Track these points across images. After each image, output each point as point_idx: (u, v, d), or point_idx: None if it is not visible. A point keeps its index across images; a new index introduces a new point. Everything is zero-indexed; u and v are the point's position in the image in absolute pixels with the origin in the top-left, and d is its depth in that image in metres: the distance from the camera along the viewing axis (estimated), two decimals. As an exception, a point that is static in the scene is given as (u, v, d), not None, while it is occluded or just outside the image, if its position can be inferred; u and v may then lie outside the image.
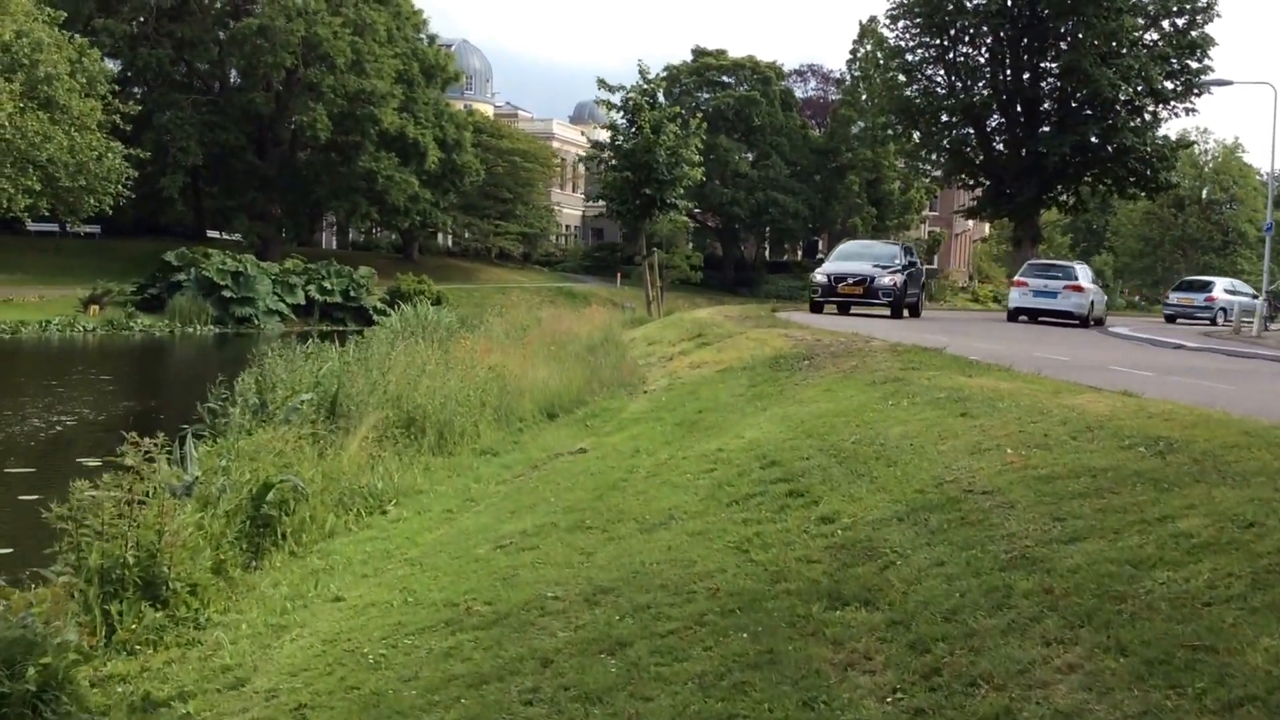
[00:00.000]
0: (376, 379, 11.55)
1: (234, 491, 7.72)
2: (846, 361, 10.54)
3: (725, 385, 11.42)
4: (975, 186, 48.64)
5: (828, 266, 25.47)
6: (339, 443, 9.92)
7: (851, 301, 24.39)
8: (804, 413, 8.41)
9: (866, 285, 23.77)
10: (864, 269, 24.27)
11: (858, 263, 25.01)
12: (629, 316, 29.06)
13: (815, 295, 25.25)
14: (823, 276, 24.82)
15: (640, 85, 29.02)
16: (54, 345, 35.58)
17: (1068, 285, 26.48)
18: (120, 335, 40.00)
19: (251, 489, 7.80)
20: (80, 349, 35.28)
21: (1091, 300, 27.16)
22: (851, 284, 23.96)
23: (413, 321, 20.66)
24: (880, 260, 25.42)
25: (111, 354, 34.59)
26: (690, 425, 9.50)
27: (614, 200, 30.72)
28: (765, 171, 70.90)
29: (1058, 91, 43.59)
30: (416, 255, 66.81)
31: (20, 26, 40.63)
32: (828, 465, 6.50)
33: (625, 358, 16.64)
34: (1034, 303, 26.69)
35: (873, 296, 23.88)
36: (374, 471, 9.42)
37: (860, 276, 23.97)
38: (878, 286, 23.68)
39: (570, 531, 6.43)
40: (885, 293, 23.74)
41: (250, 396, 11.36)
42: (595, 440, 10.35)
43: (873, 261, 25.09)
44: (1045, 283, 26.80)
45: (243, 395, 11.46)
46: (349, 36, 53.95)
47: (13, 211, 41.23)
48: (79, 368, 28.30)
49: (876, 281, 23.72)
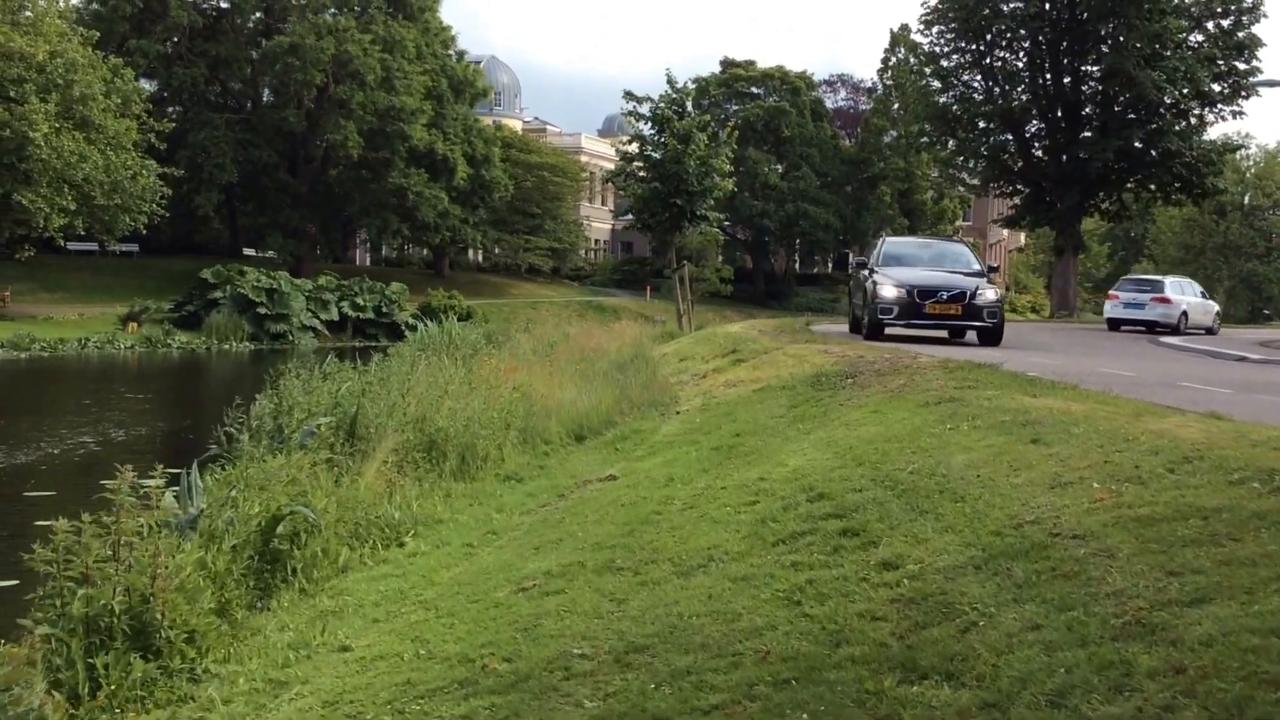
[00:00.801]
0: (395, 400, 11.01)
1: (241, 524, 7.20)
2: (894, 379, 9.85)
3: (764, 406, 10.77)
4: (1014, 194, 47.63)
5: (900, 274, 17.42)
6: (357, 468, 9.40)
7: (945, 324, 17.45)
8: (852, 437, 7.75)
9: (965, 302, 16.70)
10: (956, 280, 17.18)
11: (938, 271, 17.86)
12: (659, 331, 28.42)
13: (883, 316, 16.93)
14: (894, 289, 16.91)
15: (668, 95, 28.50)
16: (92, 362, 35.66)
17: (1154, 297, 28.33)
18: (158, 352, 40.15)
19: (260, 521, 7.29)
20: (117, 366, 35.31)
21: (1183, 310, 28.24)
22: (946, 301, 16.73)
23: (437, 338, 20.16)
24: (961, 266, 18.35)
25: (147, 371, 34.62)
26: (728, 450, 8.88)
27: (643, 212, 30.09)
28: (795, 183, 70.21)
29: (1099, 95, 42.57)
30: (447, 271, 66.79)
31: (54, 47, 40.97)
32: (884, 499, 5.85)
33: (656, 376, 15.99)
34: (1124, 314, 28.80)
35: (974, 318, 16.85)
36: (392, 499, 8.89)
37: (957, 290, 16.82)
38: (980, 304, 16.66)
39: (599, 573, 5.83)
40: (990, 312, 16.76)
41: (266, 420, 10.85)
42: (626, 466, 9.75)
43: (955, 268, 18.10)
44: (1134, 295, 28.98)
45: (258, 419, 10.96)
46: (378, 53, 54.07)
47: (49, 230, 41.53)
48: (113, 385, 28.21)
49: (978, 296, 16.73)
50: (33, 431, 17.11)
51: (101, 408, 21.07)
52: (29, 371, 31.69)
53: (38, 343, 36.62)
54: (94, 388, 27.63)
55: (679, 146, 27.14)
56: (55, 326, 41.19)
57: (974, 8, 41.57)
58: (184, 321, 45.36)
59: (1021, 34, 42.40)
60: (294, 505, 7.46)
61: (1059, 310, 44.60)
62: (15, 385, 28.34)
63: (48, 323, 42.05)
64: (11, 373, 31.20)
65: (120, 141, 43.41)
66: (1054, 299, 47.81)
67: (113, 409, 20.81)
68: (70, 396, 24.94)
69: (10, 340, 35.63)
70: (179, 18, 52.81)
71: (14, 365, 32.88)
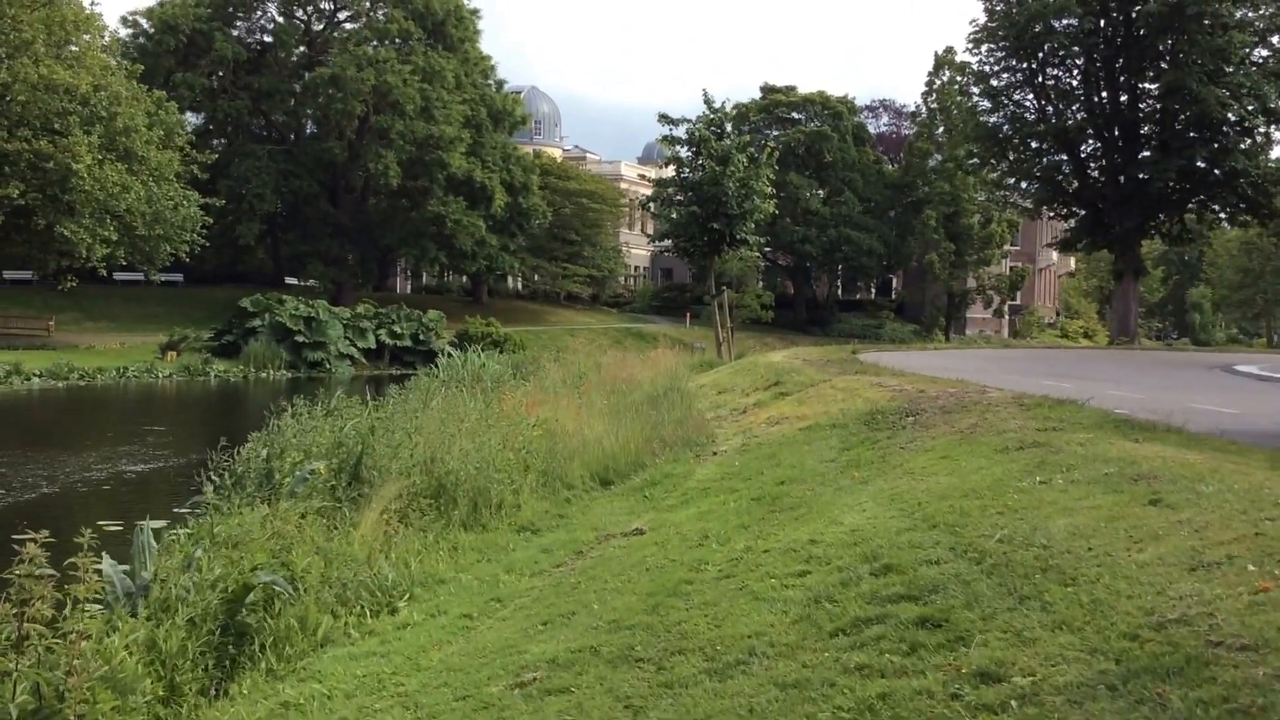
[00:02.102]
0: (401, 440, 9.97)
1: (200, 593, 6.20)
2: (962, 418, 8.67)
3: (811, 448, 9.62)
4: (1069, 216, 46.02)
5: None
6: (355, 517, 8.39)
7: None
8: (920, 490, 6.60)
9: None
10: None
11: None
12: (697, 360, 27.09)
13: None
14: None
15: (706, 116, 27.41)
16: (129, 391, 35.44)
17: None
18: (195, 381, 39.90)
19: (227, 589, 6.29)
20: (152, 395, 35.05)
21: None
22: None
23: (460, 370, 19.11)
24: None
25: (181, 400, 34.27)
26: (771, 502, 7.73)
27: (680, 237, 28.90)
28: (837, 208, 68.96)
29: (1159, 113, 41.01)
30: (485, 298, 66.41)
31: (99, 80, 41.14)
32: (969, 576, 4.70)
33: (692, 411, 14.75)
34: None
35: None
36: (389, 555, 7.83)
37: None
38: None
39: (614, 664, 4.75)
40: None
41: (256, 464, 9.82)
42: (655, 518, 8.62)
43: None
44: None
45: (246, 463, 9.95)
46: (418, 84, 54.02)
47: (91, 261, 41.54)
48: (142, 415, 27.74)
49: None
50: (45, 464, 16.43)
51: (123, 439, 20.41)
52: (61, 401, 31.40)
53: (76, 371, 36.52)
54: (122, 417, 27.13)
55: (717, 168, 26.03)
56: (96, 355, 41.14)
57: (1025, 25, 40.26)
58: (223, 350, 45.19)
59: (1075, 51, 41.01)
60: (266, 574, 6.45)
61: (1118, 336, 42.85)
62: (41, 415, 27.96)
63: (89, 352, 42.03)
64: (43, 402, 30.90)
65: (163, 173, 43.47)
66: (1113, 325, 46.01)
67: (134, 440, 20.14)
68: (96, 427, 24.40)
69: (49, 369, 35.55)
70: (223, 51, 53.15)
71: (52, 394, 32.65)
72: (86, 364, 37.98)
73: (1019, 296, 79.50)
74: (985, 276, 71.50)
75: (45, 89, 38.74)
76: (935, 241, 67.21)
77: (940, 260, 66.95)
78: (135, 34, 53.95)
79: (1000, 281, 72.56)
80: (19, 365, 34.84)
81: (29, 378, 34.34)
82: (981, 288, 71.71)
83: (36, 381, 34.29)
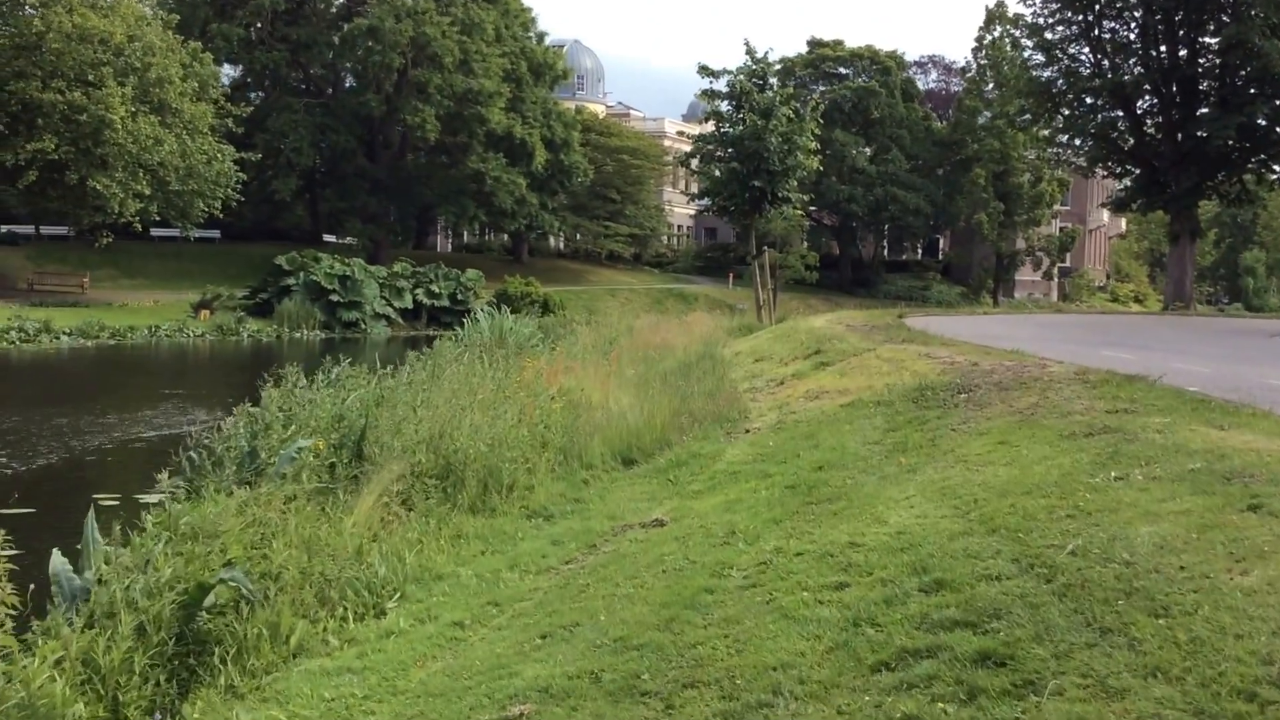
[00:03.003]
0: (404, 415, 9.25)
1: (152, 598, 5.57)
2: (1020, 396, 7.87)
3: (853, 427, 8.83)
4: (1123, 175, 44.26)
5: None
6: (353, 501, 7.75)
7: None
8: (975, 483, 5.85)
9: None
10: None
11: None
12: (736, 323, 26.04)
13: None
14: None
15: (747, 67, 26.17)
16: (159, 351, 35.20)
17: None
18: (228, 340, 39.56)
19: (184, 591, 5.66)
20: (181, 355, 34.80)
21: None
22: None
23: (484, 334, 18.36)
24: None
25: (209, 361, 33.96)
26: (807, 491, 7.00)
27: (720, 195, 27.78)
28: (884, 166, 67.33)
29: (1219, 68, 39.08)
30: (526, 257, 65.79)
31: (132, 30, 40.71)
32: (1038, 598, 3.98)
33: (724, 382, 13.83)
34: None
35: None
36: (383, 546, 7.20)
37: None
38: None
39: (615, 698, 4.10)
40: None
41: (241, 441, 9.12)
42: (677, 506, 7.91)
43: None
44: None
45: (227, 440, 9.31)
46: (457, 36, 53.03)
47: (123, 216, 41.35)
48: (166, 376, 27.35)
49: None
50: (56, 428, 15.82)
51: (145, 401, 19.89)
52: (88, 360, 31.15)
53: (106, 330, 36.30)
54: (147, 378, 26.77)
55: (759, 122, 24.90)
56: (129, 314, 41.03)
57: (1081, -25, 38.51)
58: (258, 309, 44.90)
59: (1133, 3, 39.12)
60: (226, 572, 5.82)
61: (1173, 302, 41.29)
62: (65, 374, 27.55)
63: (122, 309, 41.96)
64: (69, 361, 30.63)
65: (197, 126, 43.09)
66: (1168, 289, 44.36)
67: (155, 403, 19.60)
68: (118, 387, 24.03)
69: (78, 328, 35.36)
70: (261, 1, 52.40)
71: (80, 353, 32.47)
72: (118, 322, 37.84)
73: (1068, 258, 77.43)
74: (1035, 237, 69.67)
75: (79, 39, 38.36)
76: (984, 201, 65.47)
77: (989, 220, 65.23)
78: (171, -17, 53.36)
79: (1050, 242, 70.66)
80: (49, 323, 34.65)
81: (58, 336, 34.07)
82: (1031, 249, 69.89)
83: (65, 340, 34.01)
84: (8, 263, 46.62)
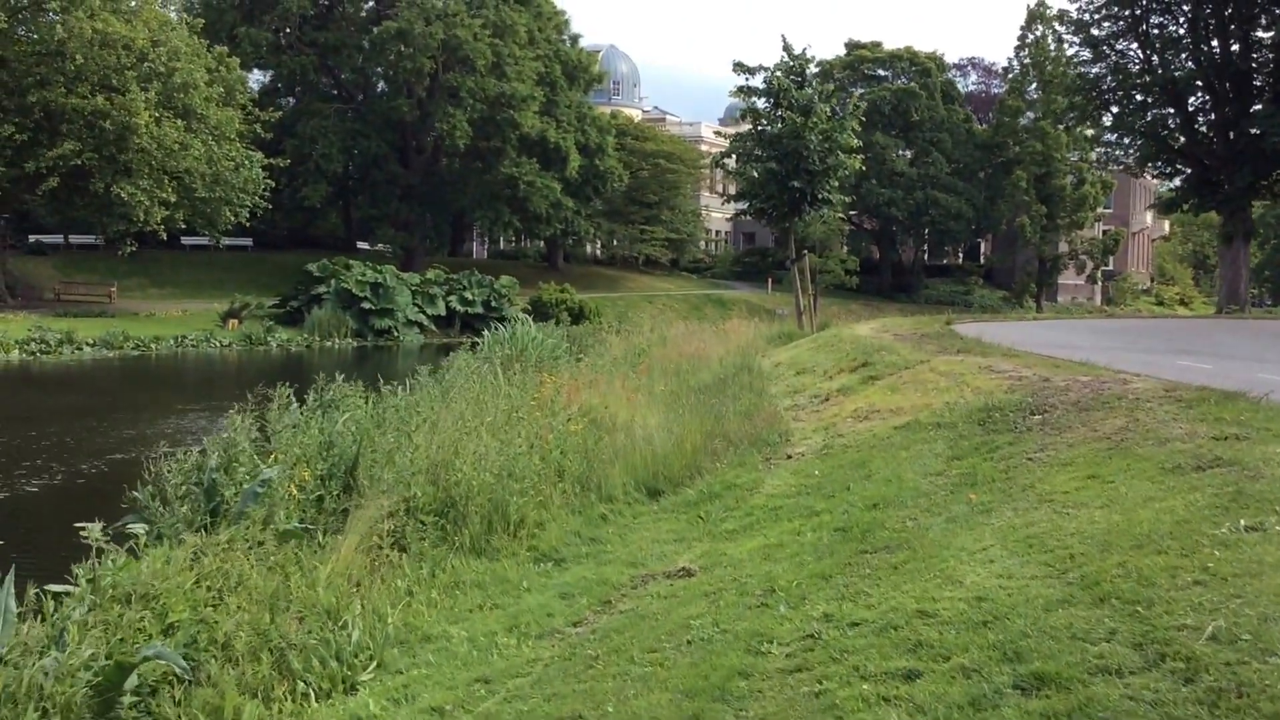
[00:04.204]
0: (397, 442, 8.18)
1: (61, 681, 4.64)
2: (1105, 418, 6.79)
3: (911, 454, 7.74)
4: (1173, 175, 42.67)
5: None
6: (335, 543, 6.78)
7: None
8: (1066, 531, 4.80)
9: None
10: None
11: None
12: (776, 331, 24.82)
13: None
14: None
15: (785, 63, 25.02)
16: (185, 361, 34.60)
17: None
18: (256, 350, 38.86)
19: (99, 673, 4.73)
20: (207, 366, 34.16)
21: None
22: None
23: (506, 345, 17.30)
24: None
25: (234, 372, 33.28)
26: (861, 536, 5.98)
27: (757, 197, 26.57)
28: (925, 169, 65.98)
29: (1273, 64, 37.46)
30: (561, 264, 65.07)
31: (156, 34, 40.30)
32: (1175, 708, 2.95)
33: (764, 398, 12.61)
34: None
35: None
36: (364, 600, 6.21)
37: None
38: None
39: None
40: None
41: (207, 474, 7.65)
42: (709, 550, 6.88)
43: None
44: None
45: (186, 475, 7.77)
46: (489, 38, 52.32)
47: (149, 224, 40.89)
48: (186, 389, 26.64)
49: None
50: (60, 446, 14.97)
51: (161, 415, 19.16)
52: (110, 371, 30.47)
53: (131, 340, 35.73)
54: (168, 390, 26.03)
55: (798, 119, 23.75)
56: (156, 324, 40.58)
57: (1129, -32, 37.10)
58: (288, 318, 44.33)
59: (1183, -3, 37.71)
60: (151, 648, 4.89)
61: (1228, 305, 39.65)
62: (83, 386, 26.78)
63: (149, 319, 41.52)
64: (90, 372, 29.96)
65: (223, 132, 42.59)
66: (1222, 292, 42.65)
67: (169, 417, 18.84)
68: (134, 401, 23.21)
69: (102, 338, 34.80)
70: (289, 4, 51.96)
71: (103, 364, 31.88)
72: (144, 332, 37.32)
73: (1111, 261, 75.55)
74: (1078, 240, 67.99)
75: (101, 44, 37.96)
76: (1026, 204, 63.96)
77: (1031, 223, 63.67)
78: (199, -12, 53.14)
79: (1094, 245, 68.93)
80: (71, 333, 34.11)
81: (80, 347, 33.49)
82: (1074, 252, 68.23)
83: (89, 351, 33.42)
84: (36, 273, 46.49)
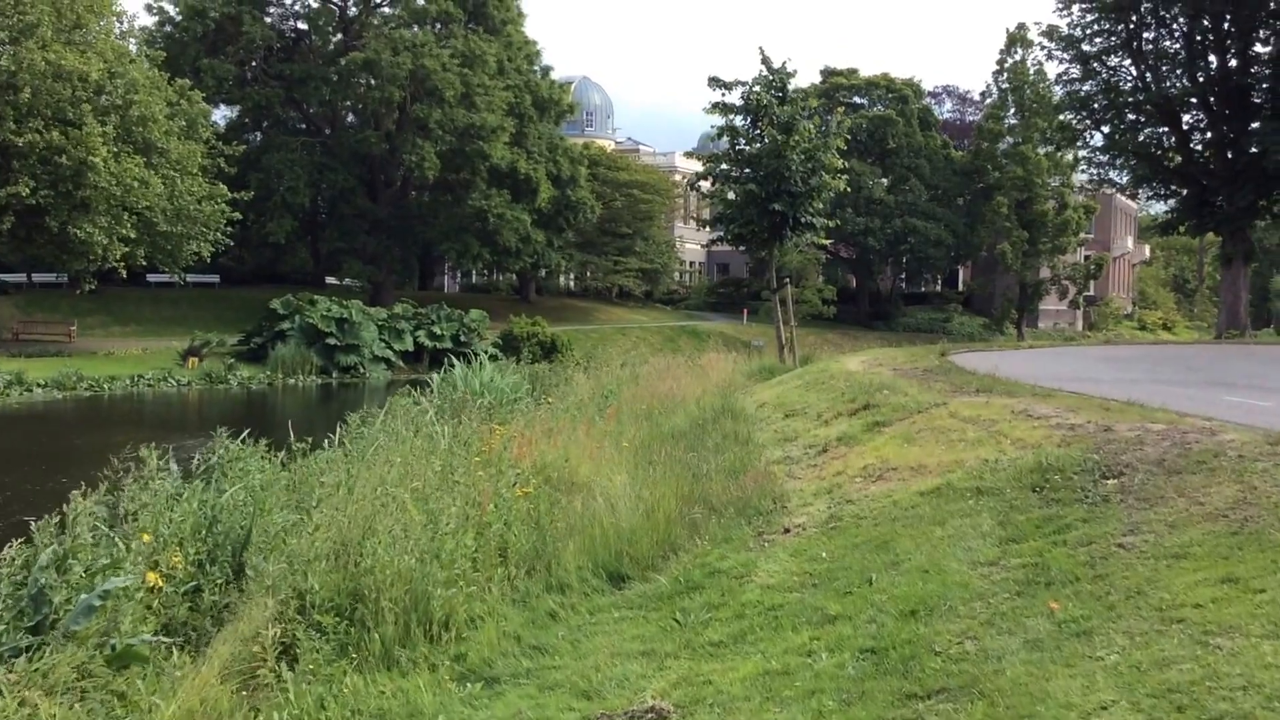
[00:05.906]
0: (286, 522, 6.39)
1: None
2: (1206, 485, 5.01)
3: (949, 533, 5.89)
4: (1168, 196, 41.53)
5: None
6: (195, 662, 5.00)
7: None
8: (1230, 682, 3.10)
9: None
10: None
11: None
12: (756, 365, 22.82)
13: None
14: None
15: (764, 77, 23.46)
16: (141, 402, 32.68)
17: None
18: (217, 389, 37.00)
19: None
20: (160, 406, 32.25)
21: None
22: None
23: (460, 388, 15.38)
24: None
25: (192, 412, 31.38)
26: (903, 667, 4.17)
27: (735, 221, 24.81)
28: (903, 196, 65.05)
29: (1271, 79, 36.46)
30: (534, 296, 63.52)
31: (113, 66, 38.64)
32: None
33: (751, 449, 10.49)
34: None
35: None
36: None
37: None
38: None
39: None
40: None
41: (36, 576, 5.65)
42: (688, 672, 5.01)
43: None
44: None
45: (12, 574, 5.70)
46: (458, 68, 50.97)
47: (109, 261, 39.07)
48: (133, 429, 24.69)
49: None
50: None
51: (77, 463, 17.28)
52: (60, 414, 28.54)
53: (85, 380, 33.75)
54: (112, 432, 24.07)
55: (780, 137, 22.18)
56: (114, 363, 38.60)
57: (1120, -17, 36.10)
58: (251, 355, 42.50)
59: (1177, 10, 36.61)
60: None
61: (1226, 329, 38.41)
62: (20, 431, 24.90)
63: (107, 358, 39.55)
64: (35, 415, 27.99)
65: (185, 166, 40.90)
66: (1222, 316, 41.41)
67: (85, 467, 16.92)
68: (69, 447, 21.38)
69: (54, 379, 32.80)
70: (253, 34, 50.41)
71: (54, 407, 29.85)
72: (99, 372, 35.33)
73: (1093, 287, 74.76)
74: (1060, 266, 67.06)
75: (54, 76, 36.22)
76: (1007, 230, 63.04)
77: (1012, 249, 62.70)
78: (161, 21, 51.55)
79: (1076, 271, 67.99)
80: (20, 375, 32.09)
81: (30, 388, 31.53)
82: (1056, 278, 67.28)
83: (39, 392, 31.44)
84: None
